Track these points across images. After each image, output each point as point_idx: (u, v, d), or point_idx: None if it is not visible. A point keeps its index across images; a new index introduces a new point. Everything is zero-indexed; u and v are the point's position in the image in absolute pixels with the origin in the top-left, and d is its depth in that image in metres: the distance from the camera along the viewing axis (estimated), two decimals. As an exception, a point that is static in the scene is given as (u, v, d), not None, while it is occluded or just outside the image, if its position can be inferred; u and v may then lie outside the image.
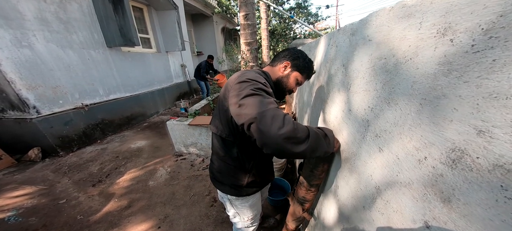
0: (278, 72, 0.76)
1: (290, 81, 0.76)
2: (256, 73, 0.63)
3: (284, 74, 0.75)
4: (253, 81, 0.57)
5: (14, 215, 1.59)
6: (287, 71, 0.75)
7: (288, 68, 0.75)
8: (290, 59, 0.74)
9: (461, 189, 0.27)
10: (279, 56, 0.78)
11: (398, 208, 0.40)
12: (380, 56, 0.47)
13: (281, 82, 0.76)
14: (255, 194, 0.85)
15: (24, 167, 2.33)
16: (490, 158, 0.23)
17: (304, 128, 0.51)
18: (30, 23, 2.20)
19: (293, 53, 0.75)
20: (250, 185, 0.79)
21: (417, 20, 0.35)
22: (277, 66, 0.76)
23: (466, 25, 0.26)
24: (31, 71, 2.25)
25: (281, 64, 0.75)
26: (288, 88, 0.77)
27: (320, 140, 0.54)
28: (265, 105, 0.50)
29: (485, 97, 0.24)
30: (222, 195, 0.86)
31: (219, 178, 0.80)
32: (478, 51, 0.24)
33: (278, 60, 0.77)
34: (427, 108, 0.32)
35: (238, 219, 0.90)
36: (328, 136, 0.59)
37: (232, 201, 0.84)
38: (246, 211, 0.86)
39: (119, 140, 3.06)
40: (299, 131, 0.49)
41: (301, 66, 0.74)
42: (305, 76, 0.77)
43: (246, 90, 0.54)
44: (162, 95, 4.53)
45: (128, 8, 3.06)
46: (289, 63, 0.74)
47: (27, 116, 2.30)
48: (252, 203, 0.86)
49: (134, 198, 1.79)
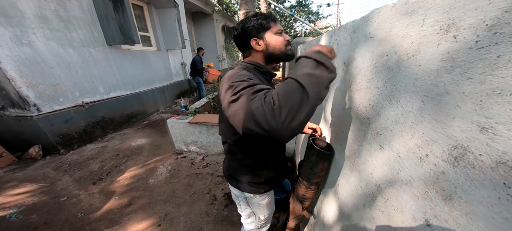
0: (258, 53, 0.68)
1: (274, 43, 0.66)
2: (239, 70, 0.59)
3: (263, 48, 0.66)
4: (234, 84, 0.50)
5: (16, 212, 1.59)
6: (261, 43, 0.66)
7: (260, 40, 0.66)
8: (251, 35, 0.65)
9: (463, 186, 0.26)
10: (241, 46, 0.70)
11: (399, 206, 0.39)
12: (381, 53, 0.46)
13: (271, 53, 0.67)
14: (271, 190, 0.83)
15: (25, 164, 2.34)
16: (493, 155, 0.23)
17: (292, 87, 0.40)
18: (30, 21, 2.19)
19: (245, 31, 0.66)
20: (268, 182, 0.76)
21: (420, 17, 0.34)
22: (251, 52, 0.68)
23: (470, 21, 0.25)
24: (31, 69, 2.24)
25: (252, 46, 0.66)
26: (282, 49, 0.66)
27: (317, 77, 0.41)
28: (248, 101, 0.43)
29: (488, 93, 0.23)
30: (237, 194, 0.82)
31: (235, 176, 0.77)
32: (482, 47, 0.24)
33: (245, 48, 0.69)
34: (429, 106, 0.32)
35: (253, 219, 0.86)
36: (319, 61, 0.42)
37: (249, 199, 0.80)
38: (262, 210, 0.84)
39: (119, 137, 3.06)
40: (290, 98, 0.39)
41: (260, 25, 0.65)
42: (272, 25, 0.66)
43: (227, 97, 0.49)
44: (162, 94, 4.52)
45: (128, 6, 3.04)
46: (254, 38, 0.65)
47: (27, 113, 2.31)
48: (268, 200, 0.84)
49: (135, 196, 1.80)
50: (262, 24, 0.65)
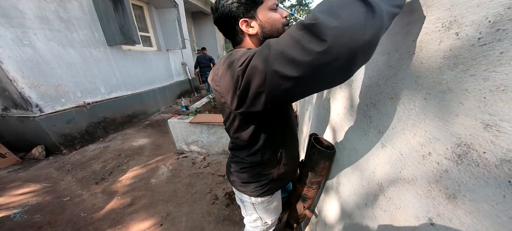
0: (252, 38, 0.54)
1: (270, 23, 0.52)
2: (232, 53, 0.46)
3: (258, 29, 0.52)
4: (236, 57, 0.41)
5: (20, 212, 1.61)
6: (254, 23, 0.51)
7: (251, 20, 0.51)
8: (238, 14, 0.50)
9: (467, 185, 0.26)
10: (229, 31, 0.55)
11: (401, 205, 0.39)
12: (382, 51, 0.46)
13: (267, 35, 0.53)
14: (278, 192, 0.78)
15: (28, 164, 2.36)
16: (497, 152, 0.23)
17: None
18: (30, 21, 2.20)
19: (227, 11, 0.50)
20: (281, 177, 0.69)
21: (421, 14, 0.34)
22: (242, 38, 0.54)
23: (472, 18, 0.25)
24: (33, 70, 2.26)
25: (243, 29, 0.52)
26: (278, 28, 0.53)
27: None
28: (268, 47, 0.32)
29: (492, 90, 0.23)
30: (243, 199, 0.76)
31: (242, 179, 0.69)
32: (485, 44, 0.24)
33: (234, 33, 0.54)
34: (432, 103, 0.32)
35: (259, 223, 0.81)
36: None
37: (257, 205, 0.74)
38: (270, 214, 0.79)
39: (121, 138, 3.08)
40: (344, 10, 0.25)
41: (247, 0, 0.49)
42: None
43: (235, 70, 0.39)
44: (163, 94, 4.54)
45: (128, 6, 3.05)
46: (242, 20, 0.50)
47: (30, 114, 2.32)
48: (276, 204, 0.79)
49: (137, 196, 1.81)
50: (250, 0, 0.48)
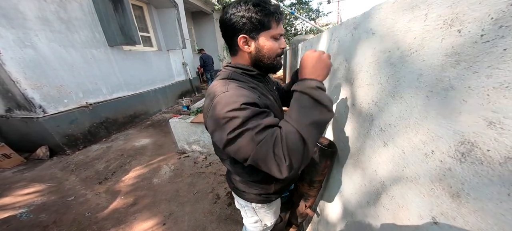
0: (245, 55, 0.55)
1: (266, 49, 0.53)
2: (222, 95, 0.46)
3: (253, 50, 0.53)
4: (225, 118, 0.43)
5: (26, 211, 1.63)
6: (252, 44, 0.52)
7: (250, 40, 0.52)
8: (240, 30, 0.50)
9: (471, 183, 0.26)
10: (227, 38, 0.55)
11: (404, 204, 0.39)
12: (384, 49, 0.46)
13: (259, 60, 0.54)
14: (279, 198, 0.80)
15: (32, 165, 2.38)
16: (501, 150, 0.22)
17: (296, 144, 0.40)
18: (31, 23, 2.21)
19: (234, 20, 0.49)
20: (278, 191, 0.73)
21: (423, 12, 0.34)
22: (238, 51, 0.55)
23: (475, 15, 0.25)
24: (35, 71, 2.27)
25: (240, 45, 0.53)
26: (271, 57, 0.54)
27: (317, 125, 0.43)
28: (251, 150, 0.41)
29: (496, 87, 0.23)
30: (243, 204, 0.77)
31: (242, 189, 0.71)
32: (488, 41, 0.24)
33: (230, 43, 0.55)
34: (434, 101, 0.31)
35: (259, 224, 0.83)
36: (318, 100, 0.43)
37: (257, 210, 0.76)
38: (270, 217, 0.81)
39: (123, 138, 3.10)
40: (296, 155, 0.40)
41: (257, 22, 0.49)
42: (274, 26, 0.51)
43: (223, 138, 0.44)
44: (164, 94, 4.55)
45: (128, 6, 3.05)
46: (242, 35, 0.51)
47: (33, 115, 2.35)
48: (276, 208, 0.82)
49: (140, 195, 1.82)
50: (262, 22, 0.49)
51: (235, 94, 0.46)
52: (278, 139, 0.41)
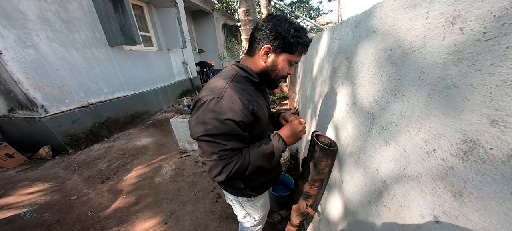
0: (259, 62, 0.58)
1: (279, 68, 0.58)
2: (216, 100, 0.51)
3: (268, 64, 0.58)
4: (207, 121, 0.51)
5: (29, 210, 1.65)
6: (271, 57, 0.57)
7: (271, 53, 0.56)
8: (269, 41, 0.54)
9: (474, 182, 0.26)
10: (254, 39, 0.58)
11: (406, 202, 0.39)
12: (385, 47, 0.46)
13: (268, 73, 0.59)
14: (265, 192, 0.84)
15: (35, 164, 2.41)
16: (504, 148, 0.22)
17: (240, 172, 0.56)
18: (32, 23, 2.22)
19: (270, 31, 0.53)
20: (261, 186, 0.77)
21: (424, 10, 0.33)
22: (256, 55, 0.58)
23: (477, 13, 0.25)
24: (37, 71, 2.29)
25: (260, 51, 0.56)
26: (279, 76, 0.60)
27: (260, 168, 0.60)
28: (209, 156, 0.54)
29: (498, 85, 0.23)
30: (230, 197, 0.82)
31: (227, 182, 0.74)
32: (491, 38, 0.23)
33: (254, 44, 0.58)
34: (436, 99, 0.31)
35: (249, 219, 0.88)
36: (274, 154, 0.62)
37: (243, 203, 0.81)
38: (257, 211, 0.85)
39: (125, 137, 3.11)
40: (232, 176, 0.55)
41: (287, 44, 0.54)
42: (297, 54, 0.57)
43: (196, 133, 0.54)
44: (165, 93, 4.56)
45: (128, 6, 3.05)
46: (270, 47, 0.55)
47: (35, 115, 2.36)
48: (262, 202, 0.85)
49: (141, 195, 1.83)
50: (291, 45, 0.54)
51: (226, 106, 0.51)
52: (232, 163, 0.54)
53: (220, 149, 0.52)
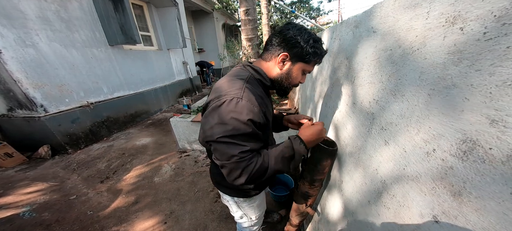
0: (274, 68, 0.60)
1: (293, 76, 0.60)
2: (237, 101, 0.51)
3: (284, 71, 0.59)
4: (227, 122, 0.50)
5: (28, 210, 1.65)
6: (287, 65, 0.59)
7: (288, 62, 0.58)
8: (288, 49, 0.56)
9: (473, 182, 0.26)
10: (272, 45, 0.59)
11: (405, 202, 0.39)
12: (385, 47, 0.46)
13: (282, 81, 0.61)
14: (261, 192, 0.84)
15: (35, 164, 2.40)
16: (504, 148, 0.22)
17: (259, 174, 0.53)
18: (32, 22, 2.22)
19: (290, 39, 0.55)
20: (258, 187, 0.77)
21: (424, 10, 0.33)
22: (272, 61, 0.60)
23: (477, 13, 0.25)
24: (37, 71, 2.28)
25: (277, 58, 0.58)
26: (292, 84, 0.62)
27: (280, 171, 0.58)
28: (228, 158, 0.51)
29: (498, 85, 0.23)
30: (227, 198, 0.82)
31: (223, 183, 0.75)
32: (491, 38, 0.23)
33: (272, 50, 0.59)
34: (436, 99, 0.31)
35: (245, 219, 0.88)
36: (294, 157, 0.58)
37: (239, 203, 0.81)
38: (253, 211, 0.85)
39: (124, 137, 3.11)
40: (252, 178, 0.53)
41: (305, 54, 0.55)
42: (312, 64, 0.59)
43: (214, 135, 0.51)
44: (164, 93, 4.56)
45: (128, 5, 3.05)
46: (288, 55, 0.56)
47: (35, 114, 2.36)
48: (258, 202, 0.85)
49: (141, 194, 1.83)
50: (308, 55, 0.55)
51: (246, 106, 0.51)
52: (251, 164, 0.52)
53: (241, 151, 0.51)
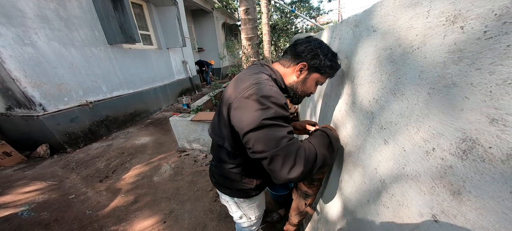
0: (291, 75, 0.63)
1: (307, 86, 0.64)
2: (270, 87, 0.52)
3: (300, 79, 0.62)
4: (269, 105, 0.48)
5: (27, 209, 1.64)
6: (304, 75, 0.62)
7: (305, 71, 0.61)
8: (307, 59, 0.60)
9: (472, 181, 0.26)
10: (293, 53, 0.62)
11: (404, 202, 0.39)
12: (385, 46, 0.45)
13: (297, 89, 0.64)
14: (261, 193, 0.84)
15: (33, 163, 2.39)
16: (503, 147, 0.22)
17: (312, 159, 0.49)
18: (31, 21, 2.21)
19: (310, 50, 0.59)
20: (258, 187, 0.76)
21: (425, 9, 0.33)
22: (290, 68, 0.63)
23: (478, 11, 0.25)
24: (35, 69, 2.27)
25: (296, 66, 0.61)
26: (305, 93, 0.66)
27: (326, 158, 0.54)
28: (277, 143, 0.46)
29: (498, 84, 0.23)
30: (226, 198, 0.82)
31: (224, 183, 0.76)
32: (491, 37, 0.23)
33: (292, 59, 0.62)
34: (436, 98, 0.31)
35: (245, 219, 0.87)
36: (332, 143, 0.58)
37: (239, 204, 0.81)
38: (253, 211, 0.85)
39: (123, 136, 3.11)
40: (307, 167, 0.47)
41: (322, 66, 0.59)
42: (326, 76, 0.63)
43: (258, 119, 0.47)
44: (164, 92, 4.55)
45: (128, 4, 3.04)
46: (306, 65, 0.60)
47: (33, 113, 2.35)
48: (258, 202, 0.85)
49: (140, 194, 1.83)
50: (324, 68, 0.59)
51: (279, 92, 0.52)
52: (302, 148, 0.48)
53: (289, 131, 0.48)
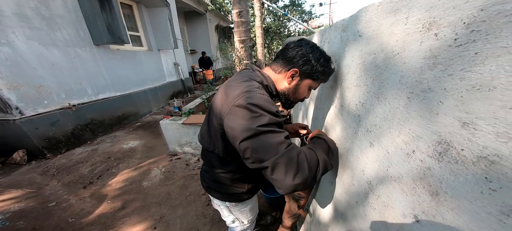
0: (283, 82, 0.61)
1: (300, 92, 0.62)
2: (261, 95, 0.50)
3: (291, 86, 0.60)
4: (261, 113, 0.46)
5: (1, 219, 1.52)
6: (295, 81, 0.60)
7: (297, 77, 0.59)
8: (299, 65, 0.57)
9: (448, 181, 0.27)
10: (284, 58, 0.60)
11: (389, 203, 0.40)
12: (369, 51, 0.47)
13: (289, 95, 0.62)
14: (254, 196, 0.83)
15: (9, 170, 2.22)
16: (474, 149, 0.23)
17: (314, 164, 0.48)
18: (8, 19, 2.08)
19: (302, 55, 0.56)
20: (251, 191, 0.76)
21: (404, 15, 0.35)
22: (282, 74, 0.61)
23: (449, 19, 0.26)
24: (12, 70, 2.13)
25: (287, 72, 0.59)
26: (298, 99, 0.64)
27: (327, 163, 0.52)
28: (276, 150, 0.44)
29: (468, 89, 0.24)
30: (218, 203, 0.80)
31: (215, 187, 0.74)
32: (461, 44, 0.25)
33: (283, 64, 0.60)
34: (415, 102, 0.32)
35: (237, 223, 0.86)
36: (331, 148, 0.57)
37: (231, 208, 0.80)
38: (246, 215, 0.84)
39: (110, 140, 2.97)
40: (311, 172, 0.46)
41: (314, 71, 0.57)
42: (318, 82, 0.61)
43: (252, 127, 0.45)
44: (155, 94, 4.42)
45: (116, 5, 2.94)
46: (298, 71, 0.58)
47: (9, 117, 2.19)
48: (251, 206, 0.84)
49: (128, 199, 1.75)
50: (316, 74, 0.57)
51: (270, 101, 0.50)
52: (302, 152, 0.47)
53: (286, 136, 0.47)
